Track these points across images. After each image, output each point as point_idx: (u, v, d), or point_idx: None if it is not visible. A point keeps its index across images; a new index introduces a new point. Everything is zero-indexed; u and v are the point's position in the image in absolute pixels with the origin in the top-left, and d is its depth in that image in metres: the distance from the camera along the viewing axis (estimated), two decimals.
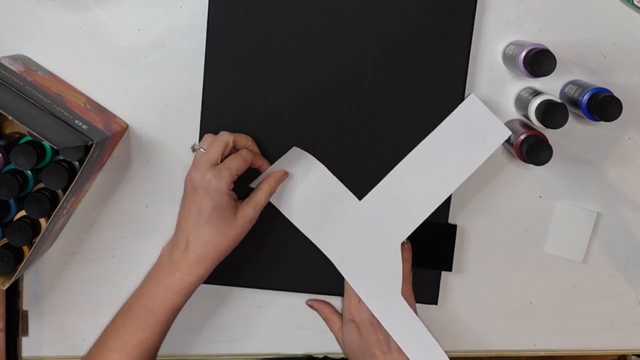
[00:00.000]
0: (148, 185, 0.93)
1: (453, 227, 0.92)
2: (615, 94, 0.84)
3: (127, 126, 0.91)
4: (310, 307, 0.95)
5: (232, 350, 0.96)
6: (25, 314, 0.94)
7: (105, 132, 0.84)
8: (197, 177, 0.84)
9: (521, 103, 0.89)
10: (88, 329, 0.94)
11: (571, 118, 0.89)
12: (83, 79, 0.90)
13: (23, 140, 0.87)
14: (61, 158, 0.85)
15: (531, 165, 0.85)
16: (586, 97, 0.85)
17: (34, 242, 0.84)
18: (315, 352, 0.97)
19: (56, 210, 0.82)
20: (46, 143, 0.84)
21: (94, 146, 0.79)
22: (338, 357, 0.97)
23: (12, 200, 0.85)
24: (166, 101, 0.91)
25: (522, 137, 0.86)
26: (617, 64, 0.91)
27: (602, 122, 0.85)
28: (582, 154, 0.93)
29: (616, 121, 0.83)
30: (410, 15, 0.88)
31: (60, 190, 0.85)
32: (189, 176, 0.84)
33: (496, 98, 0.92)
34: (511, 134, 0.88)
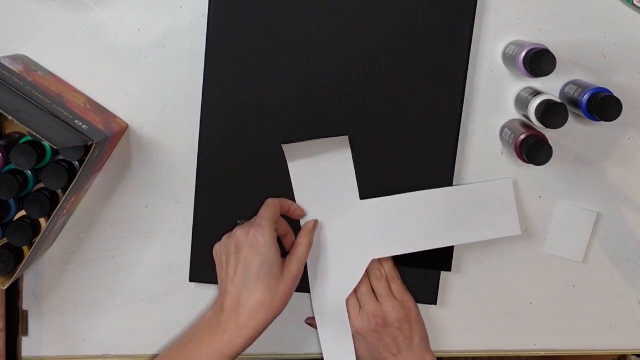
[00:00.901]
0: (148, 185, 0.93)
1: None
2: (615, 94, 0.84)
3: (127, 126, 0.91)
4: (310, 326, 0.94)
5: None
6: (25, 314, 0.94)
7: (105, 132, 0.84)
8: (242, 235, 0.82)
9: (521, 103, 0.89)
10: (88, 329, 0.94)
11: (571, 118, 0.89)
12: (83, 79, 0.90)
13: (23, 140, 0.87)
14: (61, 158, 0.85)
15: (531, 165, 0.85)
16: (586, 97, 0.85)
17: (34, 242, 0.84)
18: (315, 353, 0.96)
19: (56, 210, 0.82)
20: (46, 143, 0.84)
21: (94, 146, 0.79)
22: None
23: (12, 200, 0.85)
24: (166, 101, 0.91)
25: (522, 137, 0.86)
26: (617, 64, 0.91)
27: (602, 122, 0.85)
28: (582, 154, 0.93)
29: (616, 121, 0.83)
30: (410, 15, 0.88)
31: (60, 190, 0.85)
32: (232, 236, 0.83)
33: (496, 98, 0.92)
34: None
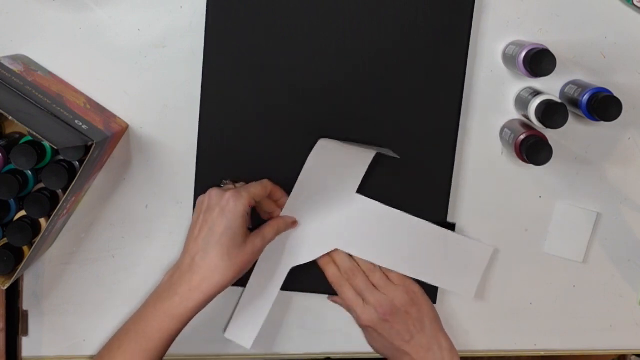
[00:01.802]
0: (148, 185, 0.93)
1: (452, 226, 0.92)
2: (615, 94, 0.84)
3: (127, 126, 0.91)
4: (334, 302, 0.94)
5: (232, 350, 0.96)
6: (25, 314, 0.94)
7: (105, 132, 0.84)
8: (215, 196, 0.83)
9: (521, 103, 0.89)
10: (88, 329, 0.94)
11: (571, 118, 0.89)
12: (83, 79, 0.90)
13: (23, 140, 0.87)
14: (61, 158, 0.85)
15: (531, 165, 0.85)
16: (586, 97, 0.85)
17: (34, 242, 0.84)
18: (315, 353, 0.96)
19: (56, 210, 0.82)
20: (46, 143, 0.84)
21: (94, 146, 0.79)
22: (339, 358, 0.97)
23: (12, 200, 0.85)
24: (166, 101, 0.91)
25: (522, 137, 0.86)
26: (617, 64, 0.91)
27: (602, 122, 0.85)
28: (582, 154, 0.93)
29: (616, 121, 0.83)
30: (410, 15, 0.88)
31: (60, 190, 0.85)
32: (207, 194, 0.84)
33: (496, 98, 0.92)
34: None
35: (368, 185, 0.90)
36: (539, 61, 0.82)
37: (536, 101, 0.85)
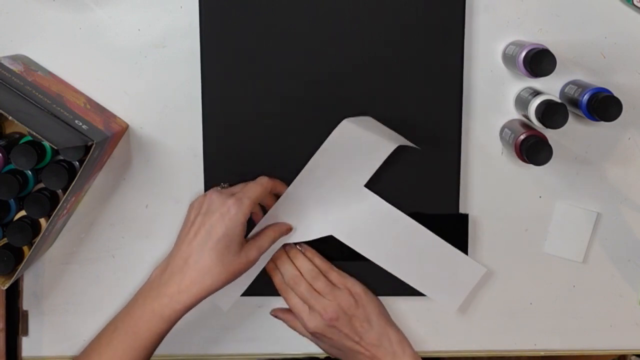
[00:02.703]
0: (148, 185, 0.93)
1: (464, 217, 0.92)
2: (615, 94, 0.84)
3: (127, 126, 0.91)
4: (275, 317, 0.93)
5: (232, 350, 0.96)
6: (25, 314, 0.94)
7: (105, 132, 0.84)
8: (217, 200, 0.82)
9: (521, 103, 0.89)
10: (88, 329, 0.94)
11: (571, 118, 0.89)
12: (83, 79, 0.90)
13: (23, 140, 0.87)
14: (61, 158, 0.85)
15: (531, 165, 0.85)
16: (586, 97, 0.85)
17: (34, 242, 0.84)
18: (315, 353, 0.96)
19: (56, 210, 0.82)
20: (46, 143, 0.84)
21: (94, 146, 0.79)
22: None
23: (12, 200, 0.85)
24: (166, 101, 0.91)
25: (522, 137, 0.86)
26: (617, 64, 0.91)
27: (602, 122, 0.85)
28: (582, 154, 0.93)
29: (616, 121, 0.83)
30: (410, 15, 0.88)
31: (60, 190, 0.85)
32: (208, 196, 0.83)
33: (496, 98, 0.92)
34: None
35: (377, 180, 0.90)
36: (539, 61, 0.82)
37: (536, 101, 0.85)
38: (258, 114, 0.90)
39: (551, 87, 0.91)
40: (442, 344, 0.96)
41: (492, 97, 0.92)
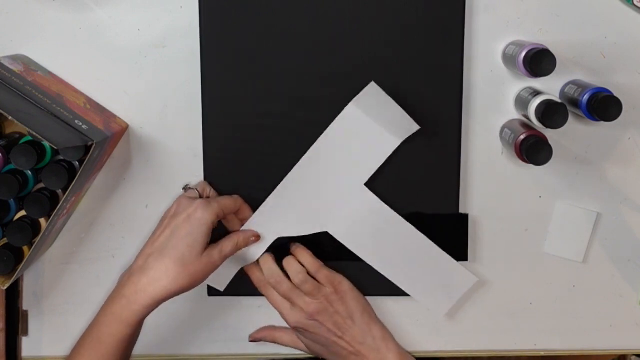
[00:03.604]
0: (148, 185, 0.93)
1: (464, 217, 0.92)
2: (615, 94, 0.84)
3: (127, 126, 0.91)
4: (254, 342, 0.94)
5: (232, 350, 0.96)
6: (25, 314, 0.94)
7: (105, 132, 0.84)
8: (185, 203, 0.83)
9: (521, 103, 0.89)
10: None
11: (571, 118, 0.89)
12: (83, 79, 0.90)
13: (23, 140, 0.87)
14: (61, 158, 0.85)
15: (531, 165, 0.85)
16: (586, 97, 0.85)
17: (34, 242, 0.84)
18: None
19: (56, 210, 0.82)
20: (46, 143, 0.84)
21: (94, 146, 0.79)
22: None
23: (12, 200, 0.85)
24: (166, 101, 0.91)
25: (522, 137, 0.86)
26: (617, 64, 0.91)
27: (602, 122, 0.85)
28: (582, 154, 0.93)
29: (616, 121, 0.83)
30: (403, 16, 0.88)
31: (60, 190, 0.85)
32: (177, 201, 0.85)
33: (496, 98, 0.92)
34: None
35: (377, 179, 0.90)
36: (539, 61, 0.82)
37: (536, 101, 0.85)
38: (258, 114, 0.90)
39: (551, 87, 0.91)
40: (442, 344, 0.96)
41: (492, 97, 0.92)
